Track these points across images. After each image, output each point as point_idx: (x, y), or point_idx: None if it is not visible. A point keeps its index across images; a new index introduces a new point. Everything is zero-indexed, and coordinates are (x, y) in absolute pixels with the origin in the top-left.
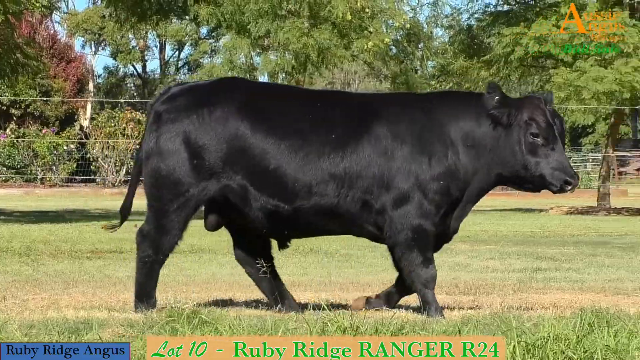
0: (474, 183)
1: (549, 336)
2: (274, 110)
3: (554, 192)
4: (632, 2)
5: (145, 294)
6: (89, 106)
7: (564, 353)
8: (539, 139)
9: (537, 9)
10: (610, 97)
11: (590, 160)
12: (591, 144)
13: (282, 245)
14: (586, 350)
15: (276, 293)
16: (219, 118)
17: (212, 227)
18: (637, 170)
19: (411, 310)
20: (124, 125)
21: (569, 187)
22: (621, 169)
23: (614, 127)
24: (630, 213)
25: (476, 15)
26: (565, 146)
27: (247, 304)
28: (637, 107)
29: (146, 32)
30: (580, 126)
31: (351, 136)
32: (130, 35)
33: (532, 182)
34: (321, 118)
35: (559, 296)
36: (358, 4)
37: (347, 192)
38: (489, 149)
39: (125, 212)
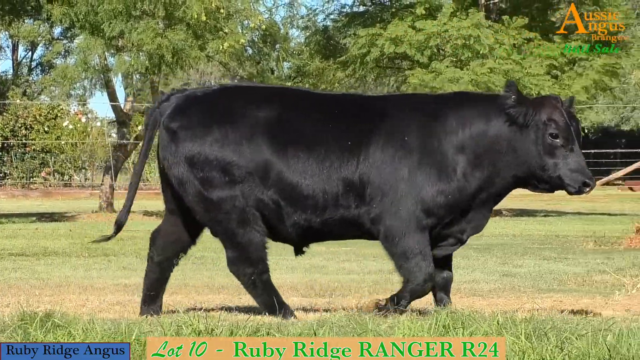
0: (490, 187)
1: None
2: (294, 119)
3: (571, 194)
4: (488, 3)
5: (279, 306)
6: None
7: None
8: (557, 140)
9: (393, 10)
10: None
11: None
12: None
13: (299, 251)
14: None
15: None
16: (242, 134)
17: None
18: None
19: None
20: None
21: (587, 189)
22: None
23: None
24: None
25: (332, 16)
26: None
27: (101, 307)
28: None
29: None
30: None
31: (370, 141)
32: None
33: (548, 183)
34: (342, 124)
35: None
36: (213, 5)
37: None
38: (504, 151)
39: (120, 224)
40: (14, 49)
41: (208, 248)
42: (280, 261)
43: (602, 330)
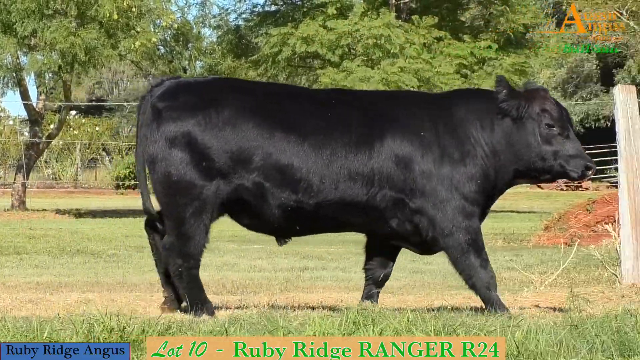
0: (499, 185)
1: (315, 335)
2: (283, 109)
3: (574, 179)
4: (398, 3)
5: (199, 301)
6: None
7: None
8: (554, 129)
9: (304, 10)
10: None
11: None
12: None
13: (282, 242)
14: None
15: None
16: (227, 118)
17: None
18: None
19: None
20: None
21: (590, 173)
22: None
23: None
24: None
25: (244, 16)
26: None
27: (13, 304)
28: None
29: None
30: None
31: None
32: None
33: (550, 172)
34: (328, 116)
35: (325, 295)
36: (125, 4)
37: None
38: (504, 146)
39: (150, 213)
40: None
41: (120, 246)
42: None
43: (511, 327)
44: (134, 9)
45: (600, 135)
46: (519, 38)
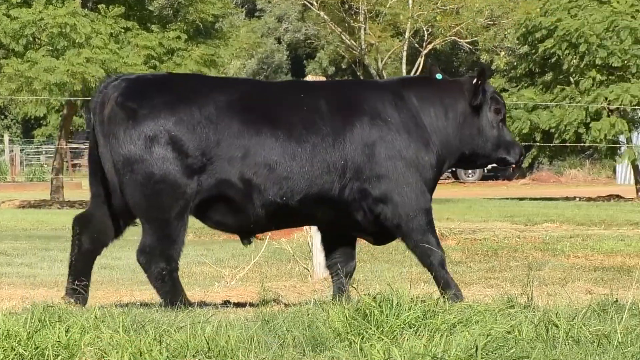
0: (444, 168)
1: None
2: (262, 104)
3: (511, 165)
4: None
5: (184, 305)
6: None
7: (14, 350)
8: (499, 115)
9: None
10: (62, 88)
11: (44, 152)
12: (44, 136)
13: (248, 241)
14: (37, 347)
15: None
16: (209, 115)
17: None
18: None
19: None
20: None
21: (523, 159)
22: (75, 162)
23: (67, 119)
24: (84, 206)
25: None
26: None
27: None
28: (89, 98)
29: None
30: (32, 118)
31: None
32: None
33: (489, 157)
34: (307, 108)
35: (10, 292)
36: None
37: (345, 183)
38: (455, 131)
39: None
40: None
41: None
42: None
43: (201, 322)
44: None
45: None
46: (209, 28)
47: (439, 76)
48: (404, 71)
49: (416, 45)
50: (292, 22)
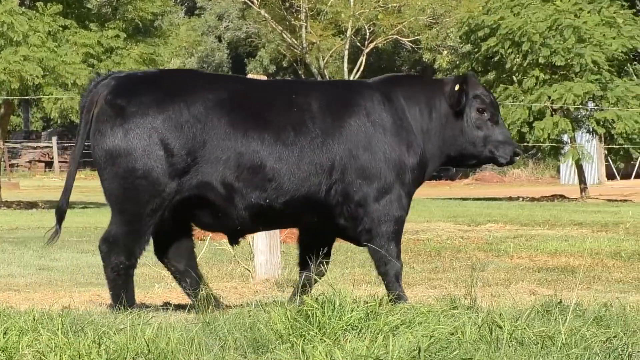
0: (429, 169)
1: None
2: (252, 101)
3: (502, 165)
4: None
5: (128, 302)
6: None
7: None
8: (485, 114)
9: None
10: (0, 87)
11: None
12: None
13: (235, 241)
14: None
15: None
16: (197, 114)
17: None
18: (29, 162)
19: None
20: None
21: (517, 158)
22: (13, 162)
23: (5, 118)
24: (21, 207)
25: None
26: None
27: None
28: (27, 97)
29: None
30: None
31: (330, 125)
32: None
33: (478, 158)
34: (298, 107)
35: None
36: None
37: (331, 185)
38: (439, 132)
39: (61, 214)
40: None
41: None
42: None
43: (141, 324)
44: None
45: None
46: (148, 27)
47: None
48: (346, 70)
49: (358, 43)
50: (233, 20)
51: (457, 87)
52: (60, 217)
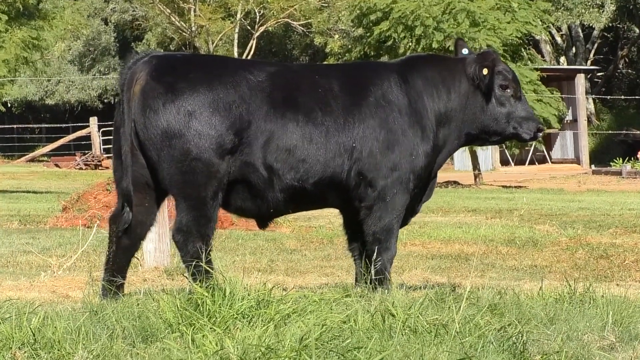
0: (445, 150)
1: None
2: (286, 83)
3: (525, 141)
4: None
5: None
6: None
7: None
8: (507, 90)
9: None
10: None
11: None
12: None
13: (265, 225)
14: None
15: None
16: (242, 96)
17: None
18: None
19: None
20: None
21: (540, 134)
22: None
23: None
24: None
25: None
26: None
27: None
28: None
29: None
30: None
31: (354, 108)
32: None
33: (501, 134)
34: (323, 89)
35: None
36: None
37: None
38: (459, 112)
39: (129, 195)
40: None
41: None
42: None
43: (27, 314)
44: None
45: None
46: (31, 9)
47: (465, 51)
48: (236, 54)
49: (248, 27)
50: (119, 2)
51: (485, 71)
52: (128, 200)
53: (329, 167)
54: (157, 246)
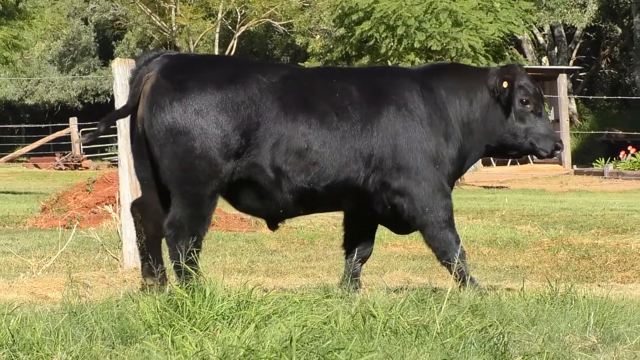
0: (468, 160)
1: None
2: (299, 87)
3: (542, 157)
4: None
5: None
6: None
7: None
8: (528, 106)
9: None
10: None
11: None
12: None
13: (275, 226)
14: None
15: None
16: (252, 96)
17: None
18: None
19: None
20: None
21: (558, 152)
22: None
23: None
24: None
25: None
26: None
27: None
28: None
29: None
30: None
31: (368, 113)
32: None
33: (519, 149)
34: (340, 93)
35: None
36: None
37: (369, 173)
38: (480, 124)
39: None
40: None
41: None
42: None
43: (6, 314)
44: None
45: (102, 111)
46: (11, 9)
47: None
48: (216, 53)
49: (229, 27)
50: (100, 1)
51: (505, 84)
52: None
53: (343, 172)
54: (137, 247)
